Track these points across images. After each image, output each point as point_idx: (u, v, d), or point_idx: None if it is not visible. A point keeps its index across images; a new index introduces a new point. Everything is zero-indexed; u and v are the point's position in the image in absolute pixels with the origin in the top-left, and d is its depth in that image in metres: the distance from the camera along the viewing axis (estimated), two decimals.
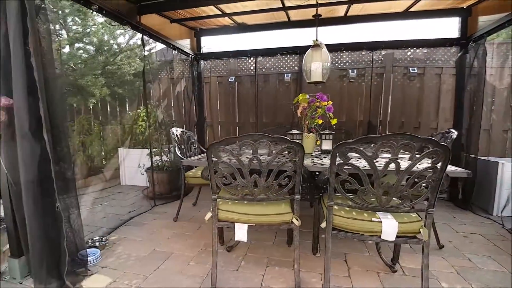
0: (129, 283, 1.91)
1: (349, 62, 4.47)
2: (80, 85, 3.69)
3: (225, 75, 5.19)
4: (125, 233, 2.77)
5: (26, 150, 1.61)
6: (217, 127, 5.37)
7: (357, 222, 1.70)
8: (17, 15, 1.54)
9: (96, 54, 3.94)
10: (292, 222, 1.84)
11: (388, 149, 1.48)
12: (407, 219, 1.68)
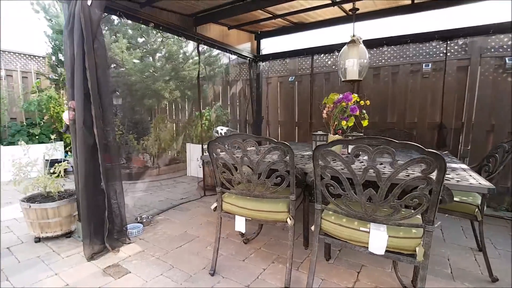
0: (153, 254, 2.33)
1: (417, 55, 3.96)
2: (155, 89, 4.50)
3: (286, 75, 5.33)
4: (170, 215, 3.28)
5: (81, 139, 2.19)
6: (276, 126, 5.55)
7: (344, 229, 1.64)
8: (79, 40, 2.11)
9: (166, 62, 4.71)
10: (286, 221, 1.89)
11: (385, 155, 1.37)
12: (402, 234, 1.52)
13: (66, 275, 1.99)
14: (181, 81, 5.25)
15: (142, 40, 4.95)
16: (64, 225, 2.52)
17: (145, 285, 1.90)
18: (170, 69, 4.70)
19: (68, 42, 2.17)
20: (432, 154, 1.27)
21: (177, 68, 4.82)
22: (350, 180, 1.52)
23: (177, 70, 4.82)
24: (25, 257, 2.24)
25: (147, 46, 4.80)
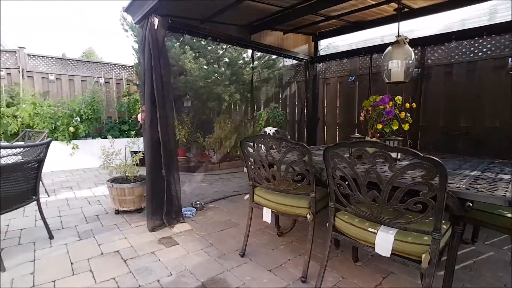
0: (198, 233, 2.79)
1: (501, 48, 3.44)
2: (217, 92, 5.10)
3: (345, 75, 5.31)
4: (221, 204, 3.74)
5: (148, 136, 2.78)
6: (334, 128, 5.55)
7: (354, 228, 1.75)
8: (149, 57, 2.68)
9: (227, 68, 5.26)
10: (306, 216, 2.09)
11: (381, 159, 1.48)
12: (410, 239, 1.56)
13: (132, 239, 2.61)
14: (241, 84, 5.76)
15: (209, 48, 5.62)
16: (136, 203, 3.21)
17: (187, 255, 2.35)
18: (230, 74, 5.24)
19: (141, 58, 2.79)
20: (430, 160, 1.32)
21: (237, 73, 5.33)
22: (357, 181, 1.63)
23: (237, 74, 5.33)
24: (107, 223, 2.99)
25: (212, 54, 5.44)
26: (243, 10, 3.48)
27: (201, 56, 5.87)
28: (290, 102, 6.31)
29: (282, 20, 4.01)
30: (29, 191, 2.55)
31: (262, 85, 6.08)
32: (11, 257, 2.30)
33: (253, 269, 2.18)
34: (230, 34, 3.87)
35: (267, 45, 4.48)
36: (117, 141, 5.15)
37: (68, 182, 4.87)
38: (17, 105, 5.51)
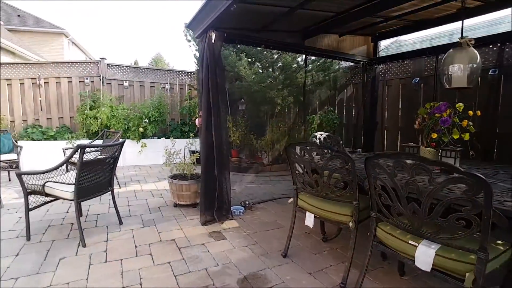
0: (245, 231, 3.03)
1: None
2: (270, 96, 5.34)
3: (408, 76, 5.07)
4: (269, 205, 3.94)
5: (204, 139, 3.12)
6: (396, 133, 5.32)
7: (394, 239, 1.77)
8: (206, 67, 3.02)
9: (280, 73, 5.45)
10: (348, 224, 2.15)
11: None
12: (454, 256, 1.53)
13: (186, 230, 2.98)
14: (295, 87, 5.90)
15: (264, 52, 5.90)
16: (191, 198, 3.60)
17: (233, 249, 2.60)
18: (283, 78, 5.43)
19: (200, 68, 3.14)
20: (473, 176, 1.30)
21: (290, 77, 5.50)
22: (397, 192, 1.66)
23: (291, 78, 5.50)
24: (166, 214, 3.44)
25: (267, 59, 5.71)
26: (296, 18, 3.63)
27: (257, 60, 6.19)
28: (346, 105, 6.21)
29: (338, 24, 4.03)
30: (106, 183, 3.10)
31: (316, 88, 6.12)
32: (90, 236, 2.84)
33: (293, 269, 2.31)
34: (283, 40, 4.05)
35: (321, 49, 4.53)
36: (178, 141, 5.75)
37: (137, 176, 5.64)
38: (97, 108, 6.54)
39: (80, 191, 2.64)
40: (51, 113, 6.79)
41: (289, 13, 3.28)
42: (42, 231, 2.98)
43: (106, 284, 2.08)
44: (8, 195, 4.17)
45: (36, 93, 6.69)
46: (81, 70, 6.92)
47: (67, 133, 6.47)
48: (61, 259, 2.42)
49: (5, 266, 2.30)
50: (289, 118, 7.00)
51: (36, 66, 6.83)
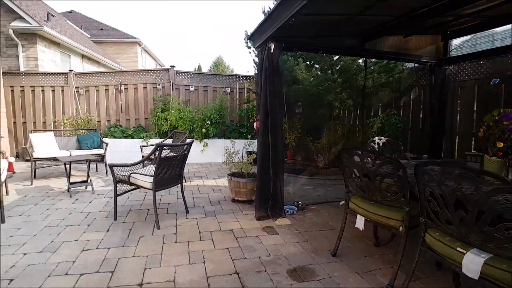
0: (297, 229, 3.26)
1: None
2: (327, 100, 5.47)
3: (486, 77, 4.74)
4: (322, 207, 4.10)
5: (260, 141, 3.46)
6: (469, 138, 4.98)
7: (443, 246, 1.84)
8: (265, 75, 3.35)
9: (339, 76, 5.53)
10: (398, 229, 2.24)
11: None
12: (505, 267, 1.57)
13: (242, 223, 3.35)
14: (355, 90, 5.92)
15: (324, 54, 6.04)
16: (248, 195, 3.98)
17: (284, 244, 2.88)
18: (342, 81, 5.50)
19: (259, 76, 3.49)
20: None
21: (350, 79, 5.54)
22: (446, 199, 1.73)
23: (350, 81, 5.55)
24: (225, 208, 3.89)
25: (326, 62, 5.84)
26: (356, 22, 3.73)
27: (316, 63, 6.35)
28: (412, 109, 5.97)
29: (402, 26, 4.00)
30: (176, 177, 3.65)
31: (378, 90, 6.02)
32: (162, 220, 3.40)
33: (341, 268, 2.49)
34: (341, 45, 4.18)
35: (382, 51, 4.52)
36: (237, 142, 6.24)
37: (199, 172, 6.29)
38: (168, 111, 7.44)
39: (157, 182, 3.21)
40: (129, 114, 7.95)
41: (348, 20, 3.42)
42: (125, 213, 3.66)
43: (177, 259, 2.54)
44: (96, 183, 5.10)
45: (117, 97, 7.91)
46: (154, 77, 7.95)
47: (142, 132, 7.52)
48: (140, 237, 2.99)
49: (100, 238, 2.95)
50: (348, 121, 6.99)
51: (118, 74, 8.09)
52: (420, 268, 2.43)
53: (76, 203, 4.08)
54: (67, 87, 7.71)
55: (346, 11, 3.23)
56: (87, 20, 20.97)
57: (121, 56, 19.55)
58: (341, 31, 4.02)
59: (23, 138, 7.60)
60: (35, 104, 7.64)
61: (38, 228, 3.21)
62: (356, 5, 3.07)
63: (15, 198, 4.28)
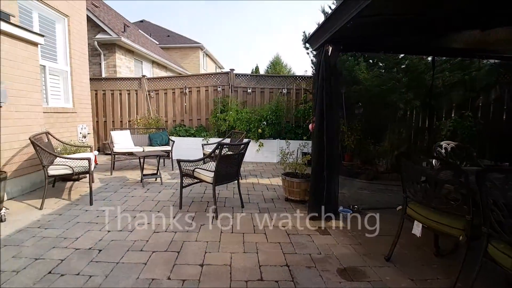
0: (350, 231, 3.31)
1: None
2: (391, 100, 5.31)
3: None
4: (379, 213, 4.00)
5: (315, 143, 3.57)
6: None
7: (506, 258, 1.77)
8: (322, 77, 3.47)
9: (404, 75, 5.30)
10: (459, 238, 2.19)
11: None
12: None
13: (294, 221, 3.54)
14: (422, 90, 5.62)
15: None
16: (301, 195, 4.12)
17: (336, 245, 2.97)
18: (407, 80, 5.28)
19: (316, 78, 3.62)
20: None
21: (418, 78, 5.29)
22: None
23: (418, 80, 5.30)
24: (278, 206, 4.11)
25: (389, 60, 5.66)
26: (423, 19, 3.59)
27: (380, 61, 6.17)
28: (491, 111, 5.43)
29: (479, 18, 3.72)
30: (234, 174, 3.98)
31: (450, 90, 5.61)
32: (220, 212, 3.76)
33: (394, 273, 2.49)
34: (405, 43, 4.06)
35: (453, 48, 4.26)
36: (292, 142, 6.41)
37: (254, 171, 6.61)
38: (226, 112, 7.95)
39: (217, 177, 3.57)
40: (192, 115, 8.68)
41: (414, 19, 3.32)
42: (188, 204, 4.12)
43: (233, 247, 2.84)
44: (164, 176, 5.74)
45: (182, 99, 8.70)
46: (215, 80, 8.56)
47: (203, 131, 8.16)
48: (201, 225, 3.38)
49: (168, 223, 3.42)
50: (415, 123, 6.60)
51: (183, 78, 8.90)
52: (485, 281, 2.32)
53: (147, 192, 4.70)
54: (140, 90, 8.76)
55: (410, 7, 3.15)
56: (156, 28, 23.20)
57: (185, 60, 21.21)
58: (405, 28, 3.89)
59: (103, 135, 8.86)
60: (114, 105, 8.83)
61: (119, 211, 3.82)
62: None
63: (99, 185, 5.09)
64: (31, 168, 4.71)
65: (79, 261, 2.57)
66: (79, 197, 4.43)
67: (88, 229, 3.24)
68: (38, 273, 2.36)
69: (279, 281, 2.34)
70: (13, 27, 4.30)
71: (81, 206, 3.99)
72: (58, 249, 2.77)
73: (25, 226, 3.27)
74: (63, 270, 2.42)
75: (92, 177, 4.35)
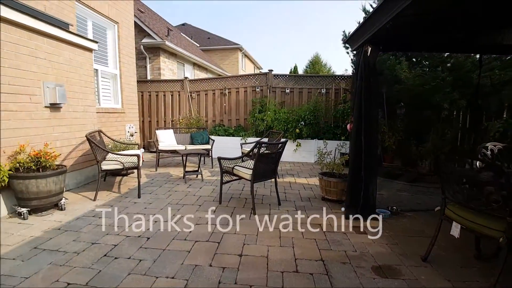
0: (388, 232, 3.35)
1: None
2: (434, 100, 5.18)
3: None
4: (419, 215, 3.98)
5: (353, 143, 3.66)
6: None
7: None
8: (361, 78, 3.55)
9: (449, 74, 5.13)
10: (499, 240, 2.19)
11: None
12: None
13: (330, 220, 3.68)
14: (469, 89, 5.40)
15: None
16: (338, 195, 4.22)
17: (371, 243, 3.06)
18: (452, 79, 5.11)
19: (355, 78, 3.71)
20: None
21: (464, 77, 5.10)
22: None
23: (465, 79, 5.10)
24: (315, 205, 4.27)
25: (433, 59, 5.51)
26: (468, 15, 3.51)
27: (424, 59, 6.01)
28: None
29: None
30: (271, 172, 4.20)
31: (501, 89, 5.32)
32: (257, 209, 4.01)
33: (430, 273, 2.54)
34: (448, 41, 3.98)
35: (504, 45, 4.08)
36: (330, 142, 6.48)
37: (291, 170, 6.79)
38: (264, 112, 8.20)
39: (255, 175, 3.82)
40: (231, 115, 9.07)
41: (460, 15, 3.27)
42: (227, 200, 4.42)
43: (269, 241, 3.06)
44: (204, 173, 6.14)
45: (222, 100, 9.12)
46: (254, 81, 8.87)
47: (241, 131, 8.51)
48: (240, 219, 3.64)
49: (209, 216, 3.73)
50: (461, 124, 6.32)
51: (223, 80, 9.33)
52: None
53: (189, 188, 5.10)
54: (182, 91, 9.35)
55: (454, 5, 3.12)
56: (196, 31, 24.26)
57: (224, 61, 21.93)
58: (448, 26, 3.83)
59: (148, 134, 9.59)
60: (158, 106, 9.53)
61: (164, 204, 4.23)
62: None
63: (145, 180, 5.61)
64: (85, 164, 5.33)
65: (130, 246, 2.95)
66: (128, 190, 4.95)
67: (137, 219, 3.65)
68: (95, 256, 2.74)
69: (314, 274, 2.51)
70: (72, 35, 4.91)
71: (130, 199, 4.47)
72: (111, 236, 3.18)
73: (82, 215, 3.77)
74: (116, 254, 2.78)
75: (139, 173, 4.83)
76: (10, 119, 3.85)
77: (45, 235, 3.17)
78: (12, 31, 3.87)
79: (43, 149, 3.97)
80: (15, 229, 3.29)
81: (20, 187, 3.62)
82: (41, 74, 4.32)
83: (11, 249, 2.83)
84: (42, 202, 3.74)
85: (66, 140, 4.83)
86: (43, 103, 4.34)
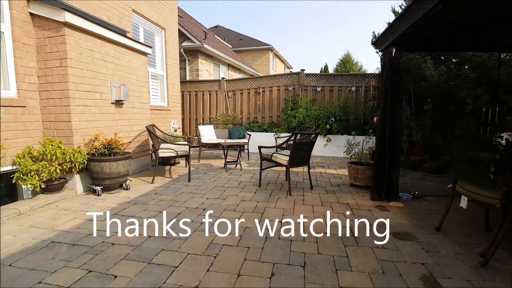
0: (407, 210, 3.91)
1: None
2: (458, 96, 5.59)
3: None
4: (441, 200, 4.45)
5: (378, 135, 4.24)
6: None
7: None
8: (386, 76, 4.13)
9: (473, 70, 5.50)
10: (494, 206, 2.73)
11: None
12: None
13: (357, 200, 4.30)
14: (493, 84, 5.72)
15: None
16: (365, 181, 4.81)
17: (393, 217, 3.65)
18: (475, 77, 5.48)
19: (381, 77, 4.30)
20: None
21: (489, 74, 5.45)
22: None
23: (489, 75, 5.45)
24: (343, 189, 4.90)
25: (458, 58, 5.90)
26: (490, 17, 3.90)
27: (451, 57, 6.38)
28: None
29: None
30: (305, 159, 4.88)
31: None
32: (292, 191, 4.70)
33: (441, 238, 3.10)
34: (471, 41, 4.43)
35: None
36: (358, 137, 7.01)
37: (322, 163, 7.43)
38: (296, 109, 8.87)
39: (292, 161, 4.52)
40: (264, 112, 9.84)
41: (485, 16, 3.69)
42: (265, 184, 5.16)
43: (304, 214, 3.74)
44: (242, 164, 6.93)
45: (256, 98, 9.92)
46: (286, 80, 9.57)
47: (274, 127, 9.25)
48: (278, 198, 4.36)
49: (251, 196, 4.48)
50: (484, 119, 6.59)
51: (257, 80, 10.12)
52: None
53: (231, 175, 5.91)
54: (219, 91, 10.26)
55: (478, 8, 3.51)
56: (229, 33, 25.37)
57: (256, 62, 22.80)
58: (470, 27, 4.25)
59: (188, 130, 10.59)
60: (197, 104, 10.51)
61: (211, 186, 5.05)
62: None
63: (192, 169, 6.50)
64: (140, 153, 6.29)
65: (191, 214, 3.76)
66: (178, 176, 5.85)
67: (191, 197, 4.48)
68: (164, 219, 3.58)
69: (343, 236, 3.16)
70: (132, 41, 5.87)
71: (182, 182, 5.34)
72: (174, 207, 4.01)
73: (145, 193, 4.66)
74: (181, 218, 3.57)
75: (189, 161, 5.70)
76: (87, 112, 4.83)
77: (119, 206, 4.06)
78: (89, 40, 4.83)
79: (113, 138, 4.94)
80: (93, 202, 4.21)
81: (96, 168, 4.58)
82: (109, 75, 5.30)
83: (97, 215, 3.68)
84: (112, 182, 4.68)
85: (126, 132, 5.79)
86: (110, 100, 5.32)
